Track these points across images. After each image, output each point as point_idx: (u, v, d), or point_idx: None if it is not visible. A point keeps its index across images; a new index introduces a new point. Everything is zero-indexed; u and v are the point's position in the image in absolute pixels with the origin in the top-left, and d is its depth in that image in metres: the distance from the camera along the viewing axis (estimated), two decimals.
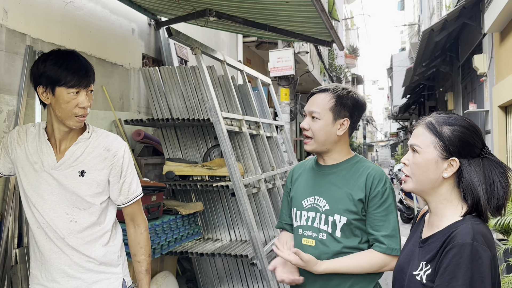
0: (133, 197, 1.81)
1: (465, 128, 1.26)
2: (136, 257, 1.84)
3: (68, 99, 1.62)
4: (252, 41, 8.36)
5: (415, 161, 1.30)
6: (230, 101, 3.89)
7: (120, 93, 4.04)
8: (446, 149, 1.25)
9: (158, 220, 3.15)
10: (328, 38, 3.95)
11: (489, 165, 1.25)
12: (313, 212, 1.75)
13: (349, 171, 1.73)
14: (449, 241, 1.18)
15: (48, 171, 1.69)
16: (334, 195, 1.71)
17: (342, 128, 1.73)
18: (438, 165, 1.26)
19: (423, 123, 1.32)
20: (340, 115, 1.72)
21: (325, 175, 1.78)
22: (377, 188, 1.65)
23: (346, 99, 1.73)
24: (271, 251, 3.49)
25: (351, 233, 1.67)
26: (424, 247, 1.28)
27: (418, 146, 1.29)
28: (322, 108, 1.72)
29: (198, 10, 3.57)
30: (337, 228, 1.68)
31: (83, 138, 1.73)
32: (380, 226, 1.64)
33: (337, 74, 17.19)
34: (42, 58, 1.65)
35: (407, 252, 1.37)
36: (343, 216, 1.67)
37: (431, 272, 1.21)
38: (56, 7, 3.27)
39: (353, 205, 1.66)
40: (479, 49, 8.04)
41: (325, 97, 1.73)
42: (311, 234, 1.74)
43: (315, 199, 1.75)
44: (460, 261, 1.12)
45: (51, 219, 1.68)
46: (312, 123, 1.73)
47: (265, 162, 4.17)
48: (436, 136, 1.27)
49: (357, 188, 1.68)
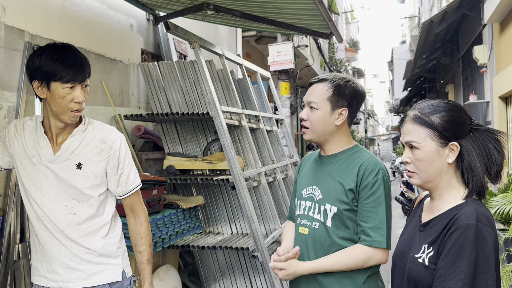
0: (131, 188, 1.82)
1: (451, 111, 1.28)
2: (137, 247, 1.86)
3: (63, 94, 1.62)
4: (251, 35, 8.34)
5: (417, 157, 1.30)
6: (229, 95, 3.89)
7: (120, 89, 4.05)
8: (443, 136, 1.27)
9: (159, 214, 3.17)
10: (326, 31, 3.95)
11: (480, 136, 1.27)
12: (309, 201, 1.77)
13: (345, 161, 1.74)
14: (452, 223, 1.19)
15: (45, 164, 1.70)
16: (328, 185, 1.72)
17: (341, 118, 1.73)
18: (440, 154, 1.28)
19: (410, 118, 1.32)
20: (338, 105, 1.72)
21: (323, 165, 1.79)
22: (368, 178, 1.65)
23: (344, 89, 1.72)
24: (272, 243, 3.51)
25: (342, 224, 1.68)
26: (426, 230, 1.30)
27: (416, 142, 1.30)
28: (320, 98, 1.72)
29: (196, 4, 3.57)
30: (328, 217, 1.69)
31: (79, 131, 1.74)
32: (368, 217, 1.64)
33: (338, 68, 17.15)
34: (38, 52, 1.65)
35: (406, 237, 1.38)
36: (334, 205, 1.68)
37: (433, 254, 1.22)
38: (55, 3, 3.27)
39: (344, 195, 1.67)
40: (479, 40, 8.02)
41: (323, 87, 1.73)
42: (306, 222, 1.76)
43: (313, 188, 1.77)
44: (465, 242, 1.14)
45: (50, 211, 1.70)
46: (311, 113, 1.74)
47: (265, 156, 4.18)
48: (428, 127, 1.28)
49: (349, 178, 1.68)
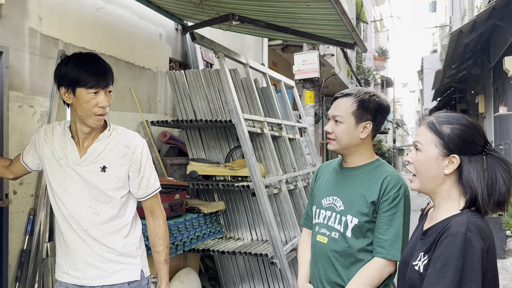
0: (151, 191, 1.92)
1: (464, 126, 1.30)
2: (155, 247, 1.94)
3: (88, 99, 1.73)
4: (277, 44, 8.42)
5: (417, 159, 1.35)
6: (252, 103, 3.96)
7: (148, 96, 4.18)
8: (446, 146, 1.30)
9: (181, 218, 3.26)
10: (350, 41, 3.98)
11: (492, 162, 1.29)
12: (330, 211, 1.82)
13: (368, 174, 1.79)
14: (444, 231, 1.23)
15: (72, 166, 1.81)
16: (350, 197, 1.78)
17: (365, 131, 1.78)
18: (439, 162, 1.31)
19: (425, 123, 1.37)
20: (363, 119, 1.78)
21: (345, 176, 1.84)
22: (390, 192, 1.71)
23: (368, 103, 1.78)
24: (291, 251, 3.54)
25: (361, 235, 1.73)
26: (424, 239, 1.34)
27: (420, 144, 1.35)
28: (344, 112, 1.78)
29: (222, 15, 3.67)
30: (348, 228, 1.74)
31: (104, 136, 1.85)
32: (385, 230, 1.70)
33: (365, 76, 17.02)
34: (64, 61, 1.77)
35: (410, 245, 1.43)
36: (355, 217, 1.73)
37: (427, 262, 1.26)
38: (87, 13, 3.42)
39: (366, 207, 1.72)
40: (511, 51, 7.84)
41: (347, 101, 1.79)
42: (325, 232, 1.81)
43: (333, 199, 1.83)
44: (453, 249, 1.17)
45: (75, 211, 1.81)
46: (335, 127, 1.80)
47: (287, 164, 4.22)
48: (436, 134, 1.32)
49: (372, 191, 1.73)
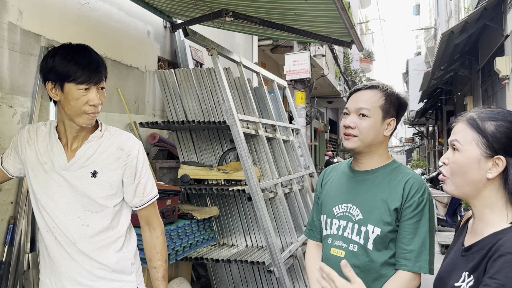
0: (148, 199, 1.72)
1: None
2: (152, 262, 1.74)
3: (78, 96, 1.53)
4: (267, 44, 8.29)
5: (454, 160, 1.17)
6: (246, 103, 3.81)
7: (135, 96, 3.99)
8: (490, 146, 1.13)
9: (173, 225, 3.08)
10: (347, 39, 3.85)
11: None
12: (344, 220, 1.63)
13: (386, 177, 1.61)
14: (495, 250, 1.06)
15: (58, 171, 1.61)
16: (369, 204, 1.59)
17: (389, 128, 1.62)
18: (481, 164, 1.14)
19: (464, 119, 1.20)
20: (389, 114, 1.61)
21: (359, 181, 1.66)
22: (414, 197, 1.53)
23: (395, 98, 1.63)
24: (288, 257, 3.39)
25: (383, 246, 1.55)
26: (467, 255, 1.16)
27: (458, 142, 1.17)
28: (372, 105, 1.60)
29: (215, 11, 3.50)
30: (369, 240, 1.55)
31: (95, 137, 1.65)
32: (410, 239, 1.52)
33: (352, 78, 17.02)
34: (52, 53, 1.56)
35: (448, 261, 1.25)
36: (377, 227, 1.54)
37: (473, 284, 1.08)
38: (72, 8, 3.23)
39: (388, 215, 1.54)
40: (501, 52, 7.82)
41: (375, 94, 1.62)
42: (341, 244, 1.62)
43: (348, 207, 1.63)
44: (509, 272, 1.00)
45: (62, 222, 1.60)
46: (360, 121, 1.60)
47: (281, 166, 4.07)
48: (478, 132, 1.15)
49: (393, 196, 1.55)
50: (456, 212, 7.96)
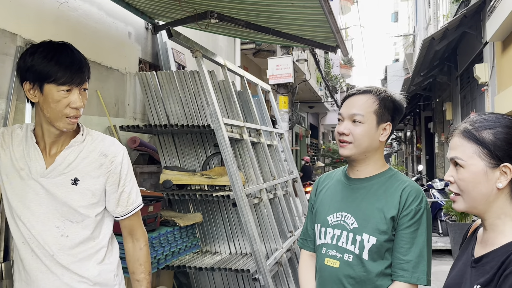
0: (132, 208, 1.62)
1: (508, 128, 1.09)
2: (134, 275, 1.64)
3: (58, 98, 1.43)
4: (249, 48, 8.24)
5: (461, 177, 1.13)
6: (230, 107, 3.74)
7: (116, 99, 3.87)
8: (493, 156, 1.08)
9: (154, 232, 2.97)
10: (333, 43, 3.82)
11: None
12: (339, 229, 1.56)
13: (382, 185, 1.55)
14: (509, 263, 1.01)
15: (36, 178, 1.49)
16: (364, 212, 1.53)
17: (385, 133, 1.58)
18: (488, 176, 1.09)
19: (459, 132, 1.15)
20: (384, 119, 1.56)
21: (354, 189, 1.60)
22: (411, 206, 1.48)
23: (389, 102, 1.58)
24: (274, 264, 3.32)
25: (379, 256, 1.49)
26: (478, 267, 1.11)
27: (461, 159, 1.12)
28: (366, 111, 1.55)
29: (199, 12, 3.43)
30: (364, 250, 1.49)
31: (77, 142, 1.54)
32: (407, 249, 1.46)
33: (333, 83, 17.14)
34: (31, 50, 1.46)
35: (456, 272, 1.19)
36: (373, 236, 1.49)
37: None
38: (50, 7, 3.11)
39: (385, 223, 1.48)
40: (479, 59, 7.97)
41: (368, 99, 1.56)
42: (336, 254, 1.55)
43: (342, 215, 1.57)
44: None
45: (39, 233, 1.49)
46: (354, 127, 1.55)
47: (265, 171, 4.01)
48: (477, 144, 1.10)
49: (390, 205, 1.50)
50: (437, 217, 8.04)
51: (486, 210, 1.13)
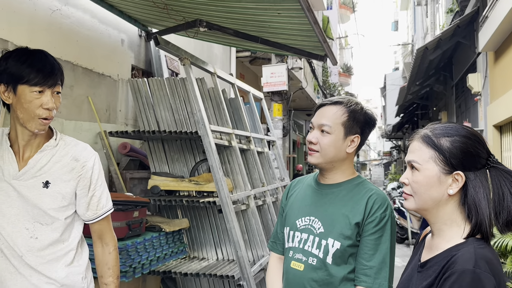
0: (102, 212, 1.66)
1: (466, 138, 1.14)
2: (103, 279, 1.67)
3: (31, 99, 1.48)
4: (245, 56, 8.30)
5: (415, 179, 1.17)
6: (220, 114, 3.77)
7: (107, 105, 3.92)
8: (448, 162, 1.13)
9: (139, 238, 3.00)
10: (321, 52, 3.87)
11: (497, 176, 1.12)
12: (306, 233, 1.60)
13: (350, 192, 1.59)
14: (448, 267, 1.04)
15: (8, 180, 1.54)
16: (330, 217, 1.57)
17: (353, 145, 1.60)
18: (441, 181, 1.13)
19: (419, 137, 1.19)
20: (352, 131, 1.59)
21: (323, 194, 1.63)
22: (376, 213, 1.51)
23: (360, 115, 1.60)
24: (259, 271, 3.34)
25: (343, 261, 1.52)
26: (423, 272, 1.15)
27: (417, 162, 1.16)
28: (333, 122, 1.58)
29: (189, 21, 3.48)
30: (329, 254, 1.53)
31: (49, 146, 1.58)
32: (370, 255, 1.49)
33: (331, 92, 17.18)
34: (5, 55, 1.52)
35: (405, 277, 1.23)
36: (337, 241, 1.52)
37: None
38: (42, 14, 3.16)
39: (349, 229, 1.52)
40: (473, 68, 8.03)
41: (337, 110, 1.59)
42: (301, 257, 1.59)
43: (310, 219, 1.61)
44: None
45: (9, 234, 1.53)
46: (321, 137, 1.59)
47: (255, 178, 4.04)
48: (434, 149, 1.14)
49: (355, 211, 1.53)
50: None
51: (435, 214, 1.16)
